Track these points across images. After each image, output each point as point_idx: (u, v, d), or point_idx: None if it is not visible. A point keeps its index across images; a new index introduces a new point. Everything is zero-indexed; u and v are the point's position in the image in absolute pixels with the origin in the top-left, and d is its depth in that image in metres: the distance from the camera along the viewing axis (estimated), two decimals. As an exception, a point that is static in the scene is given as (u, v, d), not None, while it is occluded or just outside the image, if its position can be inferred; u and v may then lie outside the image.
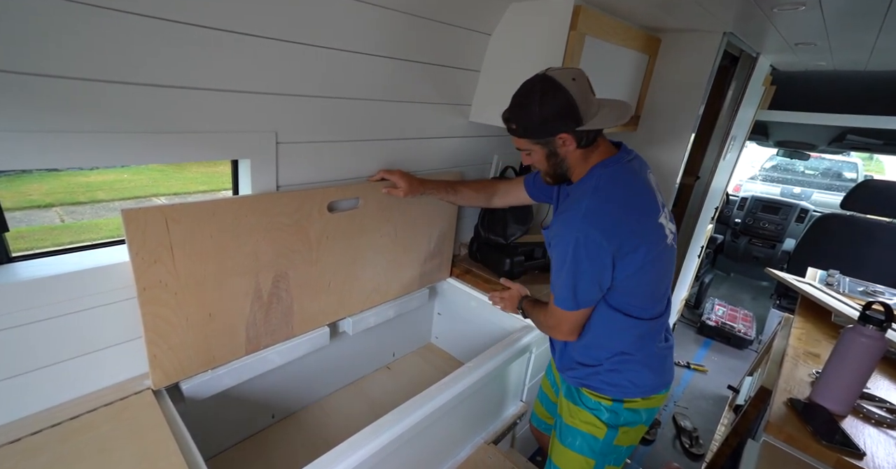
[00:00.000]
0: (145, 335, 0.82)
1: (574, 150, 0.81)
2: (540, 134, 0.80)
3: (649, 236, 0.81)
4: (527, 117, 0.79)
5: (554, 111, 0.76)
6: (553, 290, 0.85)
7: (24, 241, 4.16)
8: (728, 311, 2.78)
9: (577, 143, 0.80)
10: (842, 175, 4.28)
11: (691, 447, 1.74)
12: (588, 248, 0.76)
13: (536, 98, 0.77)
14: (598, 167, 0.83)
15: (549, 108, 0.76)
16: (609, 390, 0.88)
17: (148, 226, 0.76)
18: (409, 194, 1.16)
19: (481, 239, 1.55)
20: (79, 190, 5.76)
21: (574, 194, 0.84)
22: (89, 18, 0.61)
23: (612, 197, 0.79)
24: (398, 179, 1.14)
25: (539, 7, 1.10)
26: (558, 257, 0.80)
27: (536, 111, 0.77)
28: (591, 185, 0.80)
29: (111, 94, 0.68)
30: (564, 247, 0.78)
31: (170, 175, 6.75)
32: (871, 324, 0.90)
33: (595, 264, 0.77)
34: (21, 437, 0.74)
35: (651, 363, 0.88)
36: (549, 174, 0.87)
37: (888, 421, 0.93)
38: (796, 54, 1.76)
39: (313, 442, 1.18)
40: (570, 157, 0.82)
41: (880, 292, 1.60)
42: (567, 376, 0.95)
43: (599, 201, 0.78)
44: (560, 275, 0.81)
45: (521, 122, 0.80)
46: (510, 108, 0.82)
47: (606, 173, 0.82)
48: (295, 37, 0.84)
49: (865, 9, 1.06)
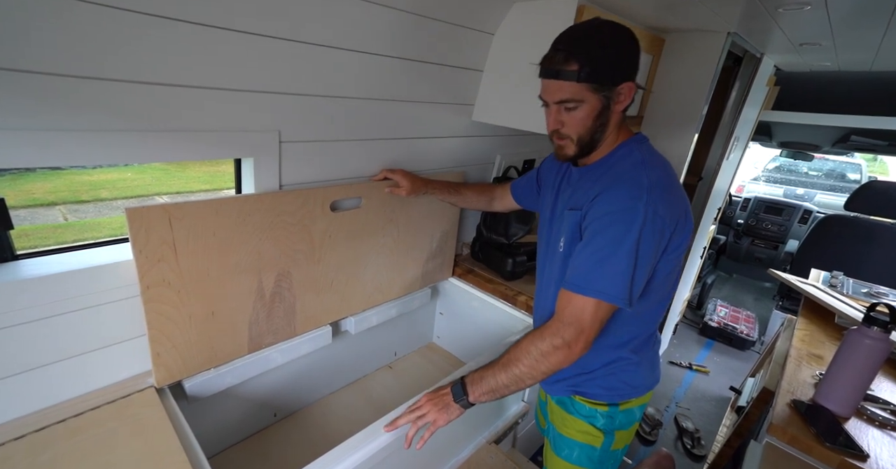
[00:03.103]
0: (149, 333, 0.82)
1: (619, 112, 0.71)
2: (608, 77, 0.67)
3: (690, 228, 0.72)
4: (599, 55, 0.65)
5: (628, 53, 0.67)
6: (582, 276, 0.67)
7: (27, 239, 4.19)
8: (730, 312, 2.77)
9: (631, 99, 0.70)
10: (845, 176, 4.26)
11: (693, 448, 1.74)
12: (654, 226, 0.64)
13: (609, 34, 0.66)
14: (633, 142, 0.74)
15: (623, 48, 0.67)
16: (604, 395, 0.82)
17: (151, 224, 0.76)
18: (412, 194, 1.15)
19: (483, 239, 1.55)
20: (82, 188, 5.79)
21: (607, 171, 0.72)
22: (93, 16, 0.61)
23: (664, 173, 0.70)
24: (401, 179, 1.14)
25: (542, 7, 1.10)
26: (614, 232, 0.65)
27: (612, 49, 0.65)
28: (636, 158, 0.70)
29: (114, 93, 0.68)
30: (627, 220, 0.64)
31: (172, 174, 6.78)
32: (876, 325, 0.90)
33: (658, 245, 0.66)
34: (25, 433, 0.74)
35: (647, 362, 0.84)
36: (581, 140, 0.72)
37: (892, 423, 0.92)
38: (801, 54, 1.75)
39: (315, 441, 1.18)
40: (613, 119, 0.72)
41: (884, 294, 1.59)
42: (555, 389, 0.87)
43: (660, 174, 0.68)
44: (610, 254, 0.65)
45: (589, 60, 0.65)
46: (571, 45, 0.66)
47: (646, 148, 0.73)
48: (298, 36, 0.84)
49: (872, 7, 1.06)
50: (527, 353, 0.70)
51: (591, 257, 0.67)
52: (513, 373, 0.70)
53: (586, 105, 0.69)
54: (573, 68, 0.66)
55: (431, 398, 0.78)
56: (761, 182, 4.40)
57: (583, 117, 0.70)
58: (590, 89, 0.68)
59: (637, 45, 0.68)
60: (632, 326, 0.79)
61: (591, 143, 0.73)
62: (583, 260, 0.69)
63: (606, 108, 0.70)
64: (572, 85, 0.67)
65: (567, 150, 0.75)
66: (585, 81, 0.67)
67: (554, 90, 0.70)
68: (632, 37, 0.67)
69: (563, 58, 0.67)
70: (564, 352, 0.67)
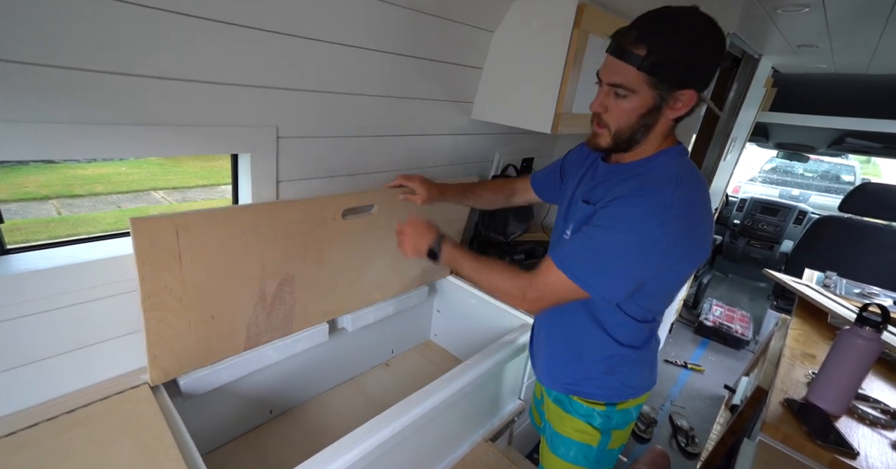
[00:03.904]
0: (147, 338, 0.81)
1: (670, 120, 0.66)
2: (673, 77, 0.61)
3: (704, 256, 0.70)
4: (673, 49, 0.59)
5: (705, 58, 0.61)
6: (566, 255, 0.68)
7: (19, 233, 4.14)
8: (726, 312, 2.79)
9: (689, 110, 0.65)
10: (840, 178, 4.30)
11: (687, 446, 1.75)
12: (661, 247, 0.64)
13: (696, 32, 0.59)
14: (674, 153, 0.69)
15: (702, 52, 0.60)
16: (602, 395, 0.83)
17: (158, 235, 0.74)
18: (427, 202, 1.06)
19: (481, 237, 1.55)
20: (76, 182, 5.72)
21: (636, 177, 0.69)
22: (87, 8, 0.60)
23: (697, 193, 0.67)
24: (417, 186, 1.05)
25: (542, 5, 1.09)
26: (613, 235, 0.65)
27: (690, 48, 0.59)
28: (671, 173, 0.66)
29: (110, 86, 0.67)
30: (630, 229, 0.63)
31: (168, 169, 6.72)
32: (868, 325, 0.91)
33: (654, 263, 0.66)
34: (16, 430, 0.73)
35: (646, 364, 0.84)
36: (619, 135, 0.68)
37: (882, 422, 0.93)
38: (798, 56, 1.77)
39: (311, 438, 1.18)
40: (661, 125, 0.66)
41: (876, 294, 1.61)
42: (554, 385, 0.88)
43: (689, 196, 0.65)
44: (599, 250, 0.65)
45: (661, 52, 0.59)
46: (648, 27, 0.61)
47: (686, 164, 0.69)
48: (296, 31, 0.83)
49: (869, 10, 1.06)
50: (495, 275, 0.76)
51: (590, 247, 0.67)
52: (477, 275, 0.79)
53: (637, 97, 0.63)
54: (640, 52, 0.60)
55: (412, 235, 0.88)
56: (758, 183, 4.44)
57: (629, 110, 0.65)
58: (647, 82, 0.61)
59: (720, 56, 0.62)
60: (632, 329, 0.78)
61: (629, 141, 0.68)
62: (580, 244, 0.68)
63: (657, 108, 0.64)
64: (631, 70, 0.61)
65: (601, 140, 0.70)
66: (646, 71, 0.61)
67: (611, 69, 0.64)
68: (720, 43, 0.60)
69: (635, 38, 0.60)
70: (517, 302, 0.74)
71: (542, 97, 1.14)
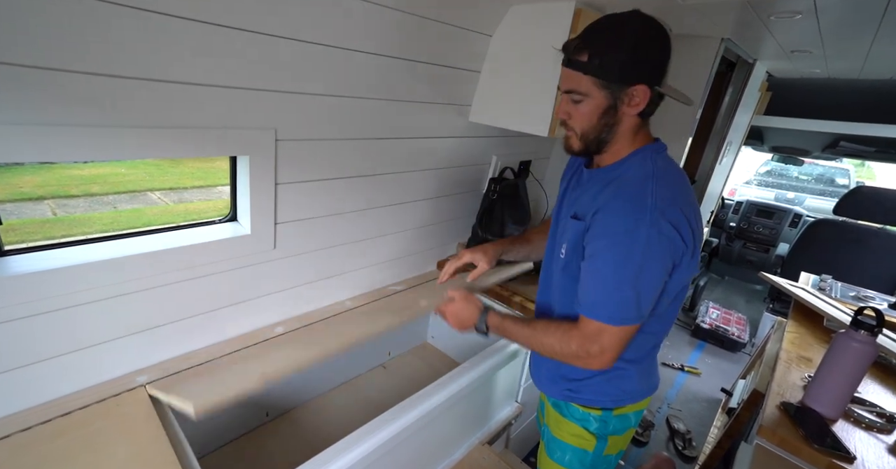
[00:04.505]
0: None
1: (633, 117, 0.68)
2: (618, 76, 0.64)
3: (701, 241, 0.70)
4: (613, 49, 0.63)
5: (647, 54, 0.63)
6: (591, 303, 0.68)
7: (14, 233, 4.11)
8: (722, 315, 2.80)
9: (645, 105, 0.66)
10: (834, 181, 4.34)
11: (684, 449, 1.75)
12: (661, 244, 0.63)
13: (633, 32, 0.62)
14: (648, 150, 0.70)
15: (643, 48, 0.63)
16: (599, 401, 0.82)
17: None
18: (491, 265, 0.97)
19: (479, 239, 1.55)
20: (72, 183, 5.69)
21: (614, 180, 0.70)
22: (87, 11, 0.61)
23: (678, 187, 0.67)
24: (476, 258, 0.96)
25: (540, 9, 1.10)
26: (616, 257, 0.64)
27: (629, 46, 0.62)
28: (646, 170, 0.67)
29: (108, 88, 0.67)
30: (628, 244, 0.63)
31: (165, 169, 6.69)
32: (863, 329, 0.91)
33: (665, 265, 0.65)
34: (11, 433, 0.73)
35: (645, 370, 0.83)
36: (585, 137, 0.70)
37: (878, 425, 0.94)
38: (792, 61, 1.78)
39: (307, 441, 1.17)
40: (625, 122, 0.68)
41: (871, 297, 1.62)
42: (551, 390, 0.87)
43: (668, 187, 0.66)
44: (614, 281, 0.65)
45: (603, 54, 0.63)
46: (588, 35, 0.65)
47: (661, 159, 0.70)
48: (296, 34, 0.83)
49: (860, 17, 1.08)
50: (549, 340, 0.74)
51: (595, 280, 0.68)
52: (533, 343, 0.78)
53: (591, 100, 0.67)
54: (582, 59, 0.64)
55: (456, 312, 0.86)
56: (753, 185, 4.47)
57: (587, 112, 0.68)
58: (596, 84, 0.65)
59: (665, 47, 0.64)
60: (636, 342, 0.76)
61: (597, 141, 0.71)
62: (587, 281, 0.69)
63: (613, 107, 0.67)
64: (579, 76, 0.66)
65: (572, 142, 0.73)
66: (593, 75, 0.64)
67: (565, 78, 0.69)
68: (660, 36, 0.63)
69: (577, 46, 0.65)
70: (585, 362, 0.71)
71: (539, 100, 1.15)
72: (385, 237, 1.33)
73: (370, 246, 1.30)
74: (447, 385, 0.97)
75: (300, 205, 1.05)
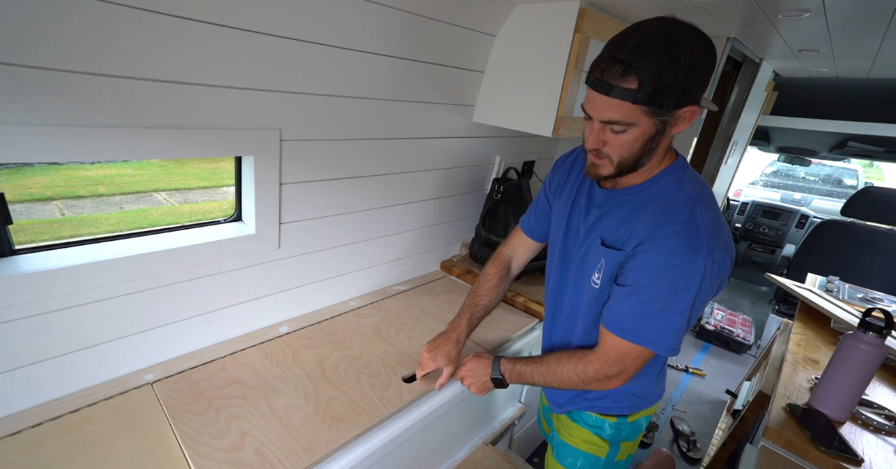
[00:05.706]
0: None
1: (672, 136, 0.62)
2: (672, 100, 0.55)
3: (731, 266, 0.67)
4: (669, 75, 0.53)
5: (702, 75, 0.55)
6: (637, 331, 0.65)
7: (24, 234, 4.16)
8: (727, 316, 2.78)
9: (690, 123, 0.60)
10: (842, 182, 4.29)
11: (689, 451, 1.74)
12: (713, 272, 0.60)
13: (686, 51, 0.52)
14: (679, 169, 0.66)
15: (698, 66, 0.54)
16: (615, 408, 0.81)
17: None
18: (456, 362, 0.91)
19: (482, 239, 1.55)
20: (79, 184, 5.76)
21: (650, 203, 0.65)
22: (92, 12, 0.61)
23: (717, 209, 0.64)
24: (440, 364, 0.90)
25: (544, 9, 1.10)
26: (674, 288, 0.61)
27: (685, 68, 0.53)
28: (688, 193, 0.63)
29: (114, 89, 0.68)
30: (686, 276, 0.60)
31: (170, 170, 6.75)
32: (871, 330, 0.90)
33: (713, 291, 0.63)
34: (21, 429, 0.74)
35: (658, 374, 0.83)
36: (622, 164, 0.63)
37: (886, 428, 0.93)
38: (799, 61, 1.77)
39: (311, 440, 1.18)
40: (664, 143, 0.63)
41: (879, 299, 1.60)
42: (566, 410, 0.86)
43: (713, 211, 0.62)
44: (671, 312, 0.62)
45: (653, 81, 0.53)
46: (634, 58, 0.53)
47: (692, 175, 0.66)
48: (300, 35, 0.84)
49: (870, 14, 1.07)
50: (565, 371, 0.74)
51: (643, 307, 0.64)
52: (549, 379, 0.77)
53: (637, 129, 0.59)
54: (631, 87, 0.54)
55: (471, 376, 0.87)
56: (759, 186, 4.43)
57: (630, 141, 0.60)
58: (646, 112, 0.57)
59: (715, 61, 0.56)
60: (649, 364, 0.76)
61: (634, 167, 0.64)
62: (631, 307, 0.65)
63: (660, 133, 0.60)
64: (625, 106, 0.56)
65: (603, 170, 0.65)
66: (643, 104, 0.55)
67: (602, 107, 0.58)
68: (710, 51, 0.55)
69: (621, 71, 0.54)
70: (604, 384, 0.72)
71: (543, 101, 1.15)
72: (389, 237, 1.34)
73: (374, 246, 1.30)
74: (451, 385, 0.97)
75: (304, 205, 1.06)
